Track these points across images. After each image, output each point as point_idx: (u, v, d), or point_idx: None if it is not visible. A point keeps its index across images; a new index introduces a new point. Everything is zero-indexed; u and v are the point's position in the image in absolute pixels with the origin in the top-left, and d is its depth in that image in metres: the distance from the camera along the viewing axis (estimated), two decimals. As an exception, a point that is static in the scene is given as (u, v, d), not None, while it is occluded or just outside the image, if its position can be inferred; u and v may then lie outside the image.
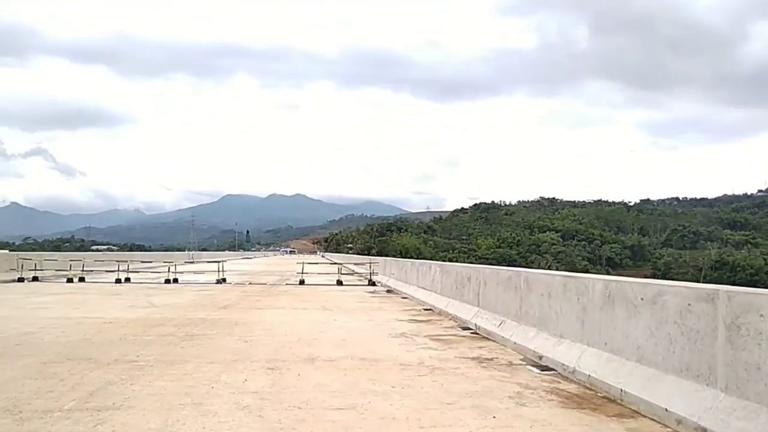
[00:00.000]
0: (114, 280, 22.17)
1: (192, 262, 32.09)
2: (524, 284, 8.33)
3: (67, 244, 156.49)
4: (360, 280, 26.10)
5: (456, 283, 12.13)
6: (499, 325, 9.00)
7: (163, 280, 22.44)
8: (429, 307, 13.64)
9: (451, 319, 11.51)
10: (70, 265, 22.73)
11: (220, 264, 23.60)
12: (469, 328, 10.14)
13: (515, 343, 8.07)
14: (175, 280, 22.74)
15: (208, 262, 29.93)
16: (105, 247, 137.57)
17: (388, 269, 23.27)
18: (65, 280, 22.17)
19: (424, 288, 15.45)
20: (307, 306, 14.18)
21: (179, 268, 28.74)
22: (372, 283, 23.05)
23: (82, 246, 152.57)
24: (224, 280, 23.02)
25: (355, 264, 35.95)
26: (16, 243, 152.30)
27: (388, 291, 19.71)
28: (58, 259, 24.58)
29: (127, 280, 22.94)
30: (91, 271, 24.38)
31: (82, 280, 22.85)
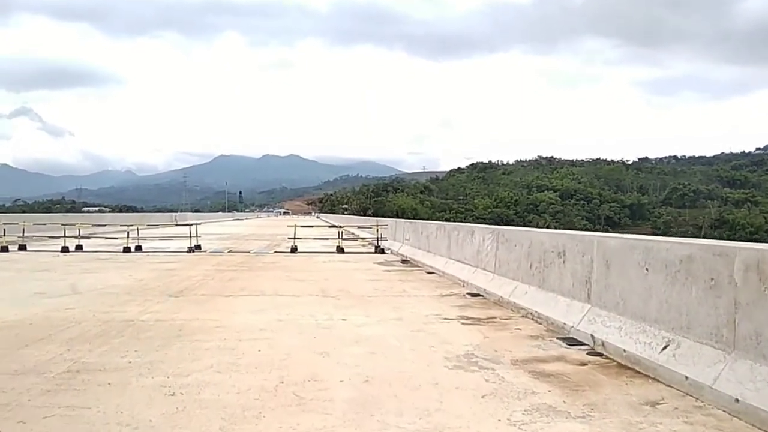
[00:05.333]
0: (60, 249, 17.84)
1: (157, 226, 27.65)
2: (744, 276, 4.02)
3: (58, 205, 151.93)
4: (364, 246, 21.80)
5: (530, 258, 7.82)
6: (665, 348, 4.73)
7: (122, 248, 18.09)
8: (476, 291, 9.40)
9: (526, 317, 7.26)
10: (4, 231, 18.25)
11: (193, 228, 19.16)
12: (575, 340, 5.90)
13: (738, 400, 3.81)
14: (138, 248, 18.44)
15: (185, 224, 25.68)
16: (96, 208, 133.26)
17: (401, 233, 18.96)
18: (-1, 248, 17.85)
19: (461, 262, 11.17)
20: (300, 289, 9.89)
21: (150, 233, 24.40)
22: (380, 251, 18.78)
23: (73, 208, 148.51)
24: (198, 247, 18.73)
25: (358, 227, 31.60)
26: (6, 205, 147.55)
27: (404, 261, 15.50)
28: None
29: (79, 247, 18.64)
30: (32, 237, 20.00)
31: (22, 248, 18.54)
